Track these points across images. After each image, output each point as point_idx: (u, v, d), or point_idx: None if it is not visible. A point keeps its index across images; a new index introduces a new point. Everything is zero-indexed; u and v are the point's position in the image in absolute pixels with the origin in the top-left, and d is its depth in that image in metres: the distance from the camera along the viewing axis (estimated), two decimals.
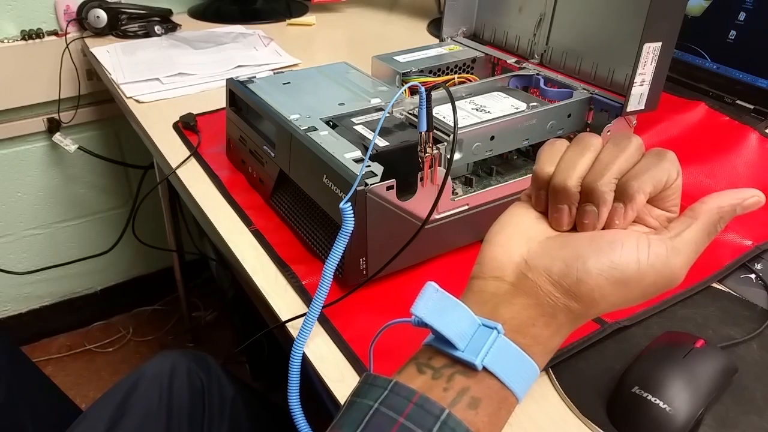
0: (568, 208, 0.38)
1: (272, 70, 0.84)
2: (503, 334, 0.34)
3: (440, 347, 0.34)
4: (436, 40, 0.90)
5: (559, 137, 0.40)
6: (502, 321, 0.34)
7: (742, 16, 0.80)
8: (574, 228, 0.38)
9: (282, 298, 0.56)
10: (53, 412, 0.89)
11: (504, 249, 0.37)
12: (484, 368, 0.33)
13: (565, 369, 0.49)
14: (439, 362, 0.34)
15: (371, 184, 0.51)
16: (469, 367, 0.33)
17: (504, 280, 0.36)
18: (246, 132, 0.71)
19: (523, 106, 0.64)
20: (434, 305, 0.35)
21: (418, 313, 0.34)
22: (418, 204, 0.55)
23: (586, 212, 0.37)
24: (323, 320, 0.53)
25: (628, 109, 0.62)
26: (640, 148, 0.38)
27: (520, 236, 0.38)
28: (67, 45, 1.22)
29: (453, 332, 0.34)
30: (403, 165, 0.54)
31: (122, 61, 1.05)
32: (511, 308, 0.35)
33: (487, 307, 0.36)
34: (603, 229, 0.37)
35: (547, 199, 0.39)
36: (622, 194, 0.36)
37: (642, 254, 0.35)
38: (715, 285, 0.58)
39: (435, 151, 0.52)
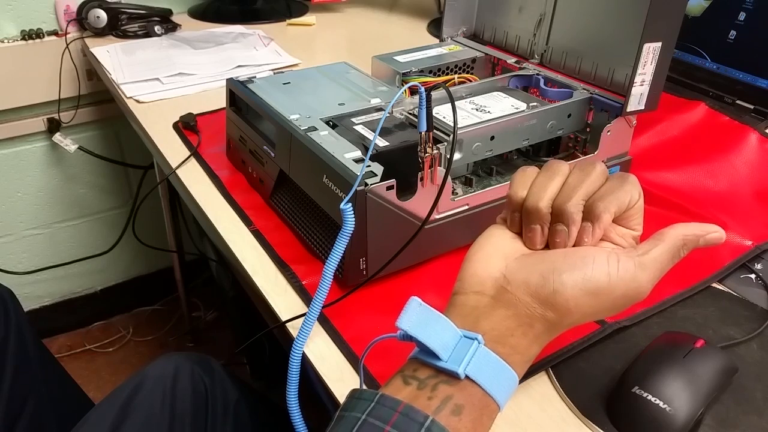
0: (540, 228, 0.41)
1: (272, 70, 0.84)
2: (483, 345, 0.36)
3: (425, 359, 0.36)
4: (436, 40, 0.90)
5: (532, 166, 0.44)
6: (482, 332, 0.36)
7: (742, 16, 0.80)
8: (547, 247, 0.41)
9: (282, 298, 0.56)
10: (72, 403, 0.91)
11: (483, 265, 0.40)
12: (467, 377, 0.35)
13: (565, 369, 0.49)
14: (424, 373, 0.36)
15: (371, 184, 0.51)
16: (452, 377, 0.35)
17: (484, 294, 0.39)
18: (246, 132, 0.71)
19: (523, 106, 0.64)
20: (418, 318, 0.36)
21: (403, 326, 0.36)
22: (418, 204, 0.55)
23: (557, 231, 0.40)
24: (323, 320, 0.53)
25: (628, 109, 0.62)
26: (604, 173, 0.41)
27: (498, 254, 0.41)
28: (67, 45, 1.22)
29: (436, 344, 0.36)
30: (403, 165, 0.54)
31: (122, 61, 1.05)
32: (490, 320, 0.37)
33: (468, 319, 0.38)
34: (574, 246, 0.40)
35: (521, 220, 0.42)
36: (589, 214, 0.40)
37: (612, 268, 0.38)
38: (715, 285, 0.58)
39: (435, 151, 0.52)
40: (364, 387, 0.44)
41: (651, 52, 0.59)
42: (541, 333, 0.38)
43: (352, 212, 0.48)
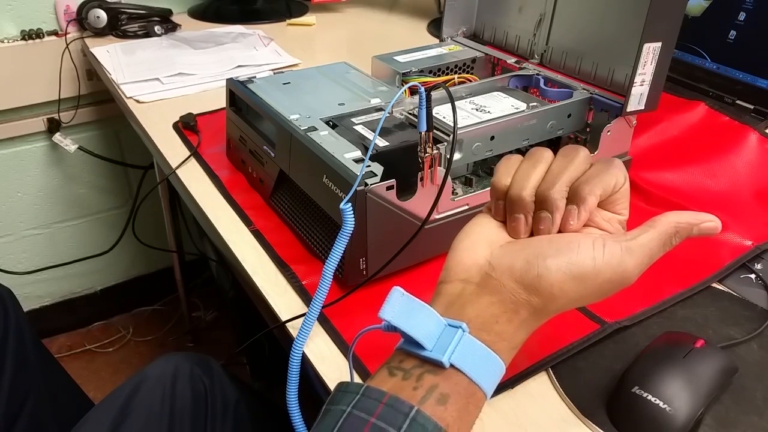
0: (524, 217, 0.40)
1: (272, 70, 0.84)
2: (468, 333, 0.36)
3: (410, 349, 0.36)
4: (436, 40, 0.90)
5: (516, 154, 0.44)
6: (467, 320, 0.36)
7: (742, 16, 0.80)
8: (532, 235, 0.41)
9: (282, 298, 0.56)
10: (71, 403, 0.91)
11: (469, 253, 0.40)
12: (452, 366, 0.35)
13: (565, 369, 0.49)
14: (409, 363, 0.36)
15: (371, 184, 0.51)
16: (437, 366, 0.35)
17: (470, 282, 0.38)
18: (246, 132, 0.71)
19: (523, 106, 0.64)
20: (401, 309, 0.36)
21: (386, 316, 0.36)
22: (418, 204, 0.55)
23: (541, 219, 0.40)
24: (323, 320, 0.53)
25: (628, 109, 0.62)
26: (587, 158, 0.41)
27: (483, 241, 0.40)
28: (67, 45, 1.22)
29: (420, 333, 0.35)
30: (403, 165, 0.54)
31: (122, 61, 1.05)
32: (475, 307, 0.37)
33: (453, 308, 0.38)
34: (559, 232, 0.40)
35: (505, 209, 0.42)
36: (575, 197, 0.40)
37: (598, 252, 0.37)
38: (715, 285, 0.58)
39: (435, 151, 0.52)
40: (356, 379, 0.44)
41: (651, 52, 0.59)
42: (527, 319, 0.37)
43: (352, 212, 0.48)
